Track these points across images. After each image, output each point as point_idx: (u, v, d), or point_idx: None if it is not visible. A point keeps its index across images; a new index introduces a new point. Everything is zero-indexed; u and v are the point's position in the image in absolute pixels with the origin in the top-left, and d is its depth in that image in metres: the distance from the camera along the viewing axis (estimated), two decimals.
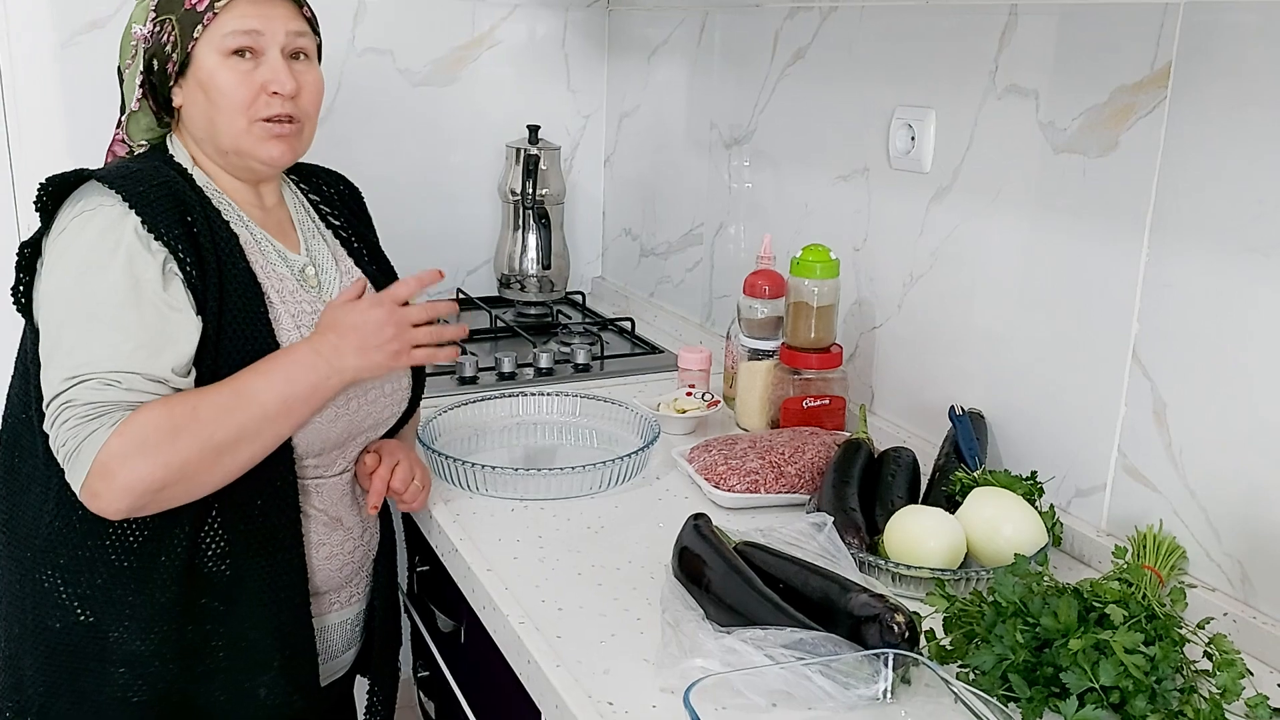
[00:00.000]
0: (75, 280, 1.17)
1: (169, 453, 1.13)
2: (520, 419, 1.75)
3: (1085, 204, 1.35)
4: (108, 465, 1.11)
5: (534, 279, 2.42)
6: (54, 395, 1.13)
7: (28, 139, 2.13)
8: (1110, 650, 1.00)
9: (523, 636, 1.15)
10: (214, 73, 1.25)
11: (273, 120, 1.27)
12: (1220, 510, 1.22)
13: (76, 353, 1.14)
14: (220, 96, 1.25)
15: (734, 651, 1.05)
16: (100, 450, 1.11)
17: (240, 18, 1.25)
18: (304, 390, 1.22)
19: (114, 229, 1.17)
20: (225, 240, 1.25)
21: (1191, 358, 1.24)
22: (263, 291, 1.26)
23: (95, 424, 1.12)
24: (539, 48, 2.50)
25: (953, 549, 1.24)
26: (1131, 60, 1.27)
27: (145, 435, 1.12)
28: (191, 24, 1.24)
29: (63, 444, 1.12)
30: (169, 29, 1.25)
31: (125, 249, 1.17)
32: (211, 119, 1.27)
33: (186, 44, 1.24)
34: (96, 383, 1.13)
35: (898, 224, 1.67)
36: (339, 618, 1.41)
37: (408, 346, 1.27)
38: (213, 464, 1.16)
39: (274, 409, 1.19)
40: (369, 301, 1.28)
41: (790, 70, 1.90)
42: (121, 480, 1.11)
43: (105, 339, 1.14)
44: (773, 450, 1.51)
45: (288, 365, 1.22)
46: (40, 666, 1.25)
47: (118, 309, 1.15)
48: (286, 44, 1.28)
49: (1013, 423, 1.49)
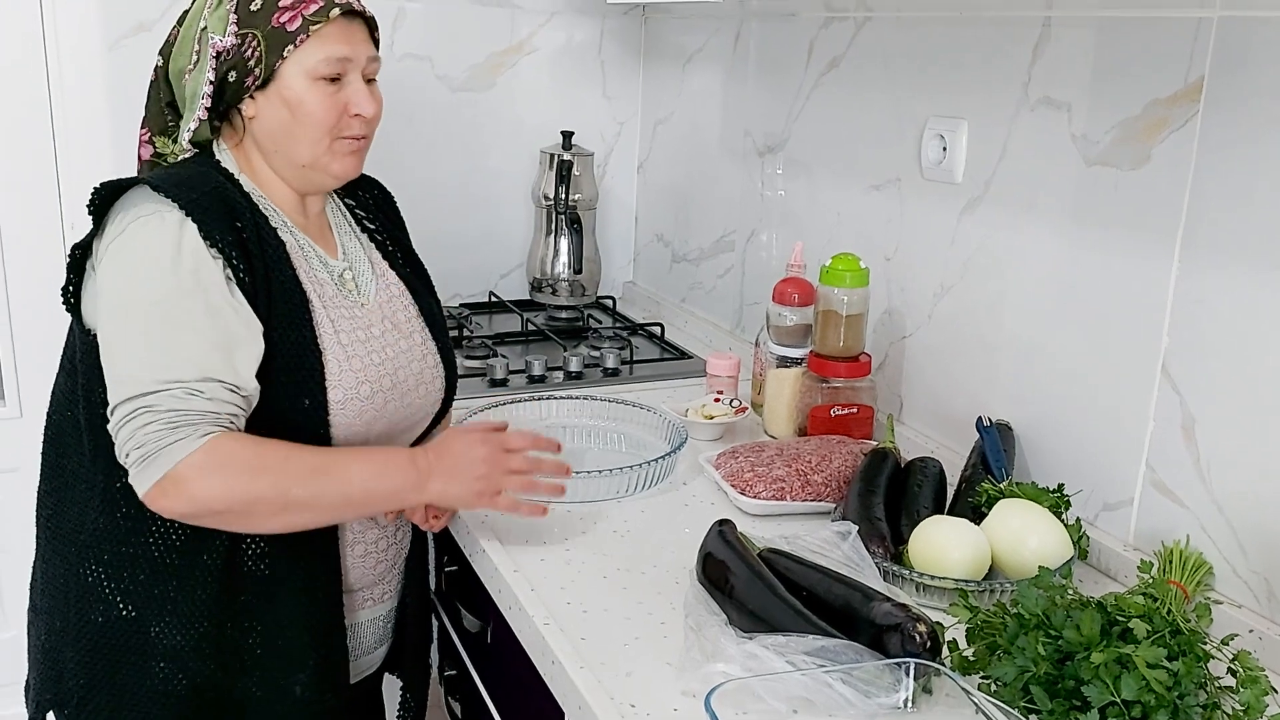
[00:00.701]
0: (141, 283, 1.19)
1: (245, 486, 1.16)
2: (549, 422, 1.76)
3: (1117, 217, 1.35)
4: (185, 475, 1.14)
5: (565, 283, 2.44)
6: (130, 397, 1.15)
7: (74, 141, 2.17)
8: (1133, 665, 1.00)
9: (547, 637, 1.17)
10: (303, 95, 1.27)
11: (351, 139, 1.32)
12: (1248, 527, 1.21)
13: (153, 356, 1.16)
14: (307, 117, 1.28)
15: (756, 657, 1.06)
16: (182, 460, 1.13)
17: (333, 44, 1.28)
18: (386, 491, 1.26)
19: (173, 234, 1.19)
20: (273, 247, 1.27)
21: (1221, 373, 1.23)
22: (307, 298, 1.28)
23: (181, 433, 1.14)
24: (575, 55, 2.52)
25: (977, 560, 1.25)
26: (1165, 74, 1.27)
27: (231, 461, 1.16)
28: (280, 43, 1.26)
29: (138, 445, 1.14)
30: (253, 43, 1.26)
31: (189, 253, 1.19)
32: (293, 135, 1.29)
33: (273, 61, 1.26)
34: (181, 391, 1.15)
35: (929, 234, 1.68)
36: (371, 614, 1.43)
37: (493, 489, 1.30)
38: (277, 513, 1.20)
39: (355, 493, 1.24)
40: (479, 436, 1.32)
41: (824, 79, 1.91)
42: (191, 491, 1.14)
43: (181, 342, 1.17)
44: (799, 458, 1.52)
45: (385, 461, 1.27)
46: (81, 659, 1.27)
47: (189, 312, 1.18)
48: (366, 68, 1.32)
49: (1041, 435, 1.49)
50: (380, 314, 1.38)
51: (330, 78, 1.28)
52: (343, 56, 1.29)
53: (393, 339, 1.37)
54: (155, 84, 1.35)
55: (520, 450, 1.33)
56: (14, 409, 2.27)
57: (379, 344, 1.35)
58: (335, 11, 1.27)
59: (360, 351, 1.32)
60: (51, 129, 2.17)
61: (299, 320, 1.26)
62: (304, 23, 1.26)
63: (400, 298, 1.43)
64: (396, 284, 1.44)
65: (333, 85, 1.29)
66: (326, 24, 1.27)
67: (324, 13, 1.26)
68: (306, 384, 1.25)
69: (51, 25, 2.12)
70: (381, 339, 1.36)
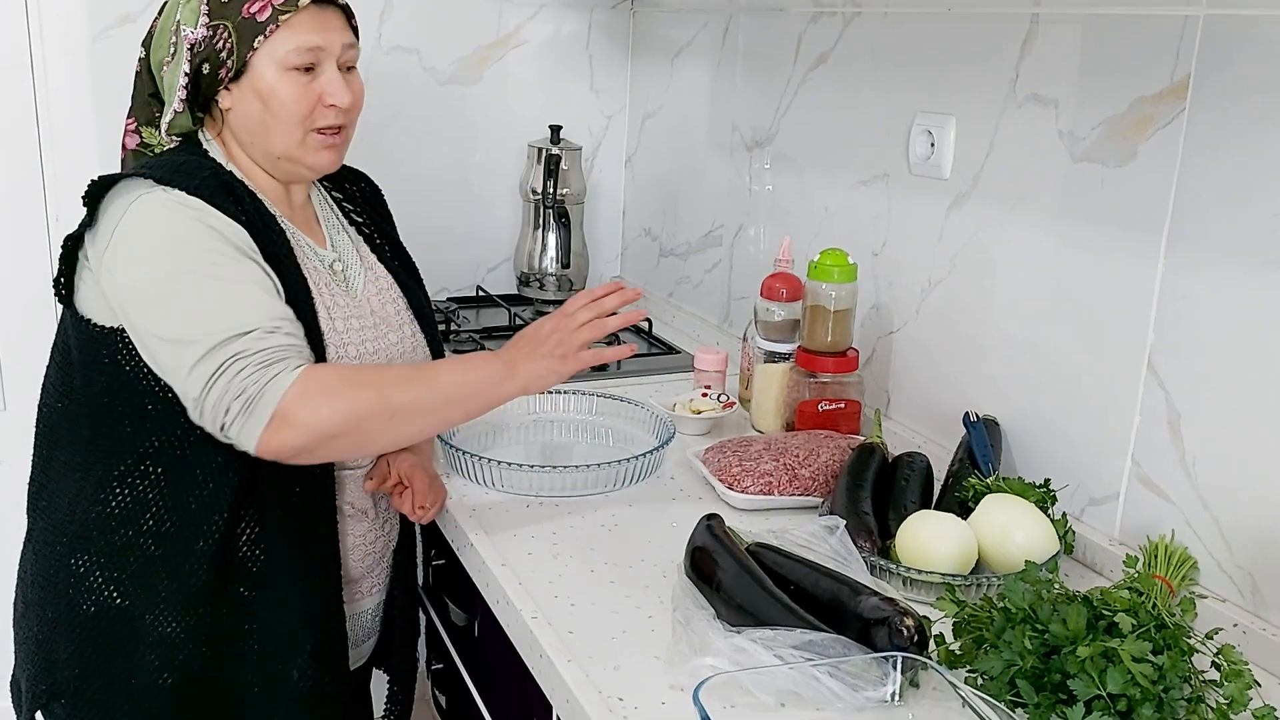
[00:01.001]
0: (169, 252, 1.19)
1: (350, 400, 1.17)
2: (537, 416, 1.76)
3: (1103, 214, 1.36)
4: (290, 408, 1.14)
5: (553, 278, 2.43)
6: (206, 354, 1.14)
7: (59, 133, 2.16)
8: (1118, 658, 1.01)
9: (535, 631, 1.17)
10: (274, 85, 1.27)
11: (325, 131, 1.31)
12: (1232, 521, 1.22)
13: (217, 312, 1.16)
14: (280, 108, 1.27)
15: (743, 651, 1.07)
16: (285, 395, 1.14)
17: (303, 34, 1.26)
18: (479, 382, 1.28)
19: (184, 206, 1.20)
20: (276, 232, 1.27)
21: (1207, 369, 1.24)
22: (307, 283, 1.29)
23: (276, 367, 1.15)
24: (563, 48, 2.52)
25: (964, 554, 1.25)
26: (1151, 71, 1.27)
27: (328, 383, 1.17)
28: (251, 34, 1.25)
29: (239, 393, 1.13)
30: (224, 35, 1.26)
31: (208, 218, 1.20)
32: (267, 126, 1.29)
33: (244, 52, 1.25)
34: (259, 332, 1.16)
35: (917, 230, 1.68)
36: (359, 607, 1.43)
37: (573, 349, 1.30)
38: (386, 423, 1.20)
39: (452, 390, 1.25)
40: (548, 318, 1.34)
41: (812, 74, 1.91)
42: (303, 419, 1.14)
43: (238, 291, 1.18)
44: (787, 453, 1.52)
45: (469, 359, 1.32)
46: (73, 650, 1.27)
47: (229, 264, 1.19)
48: (341, 56, 1.31)
49: (1027, 430, 1.49)
50: (369, 307, 1.38)
51: (303, 67, 1.27)
52: (314, 46, 1.27)
53: (382, 331, 1.38)
54: (140, 75, 1.34)
55: (583, 306, 1.33)
56: None
57: (370, 334, 1.35)
58: (305, 1, 1.26)
59: (354, 340, 1.33)
60: (36, 121, 2.16)
61: (302, 304, 1.26)
62: (274, 12, 1.25)
63: (389, 291, 1.43)
64: (385, 277, 1.44)
65: (306, 75, 1.28)
66: (296, 13, 1.25)
67: (293, 2, 1.25)
68: None
69: (36, 16, 2.11)
70: (373, 330, 1.36)
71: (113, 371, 1.23)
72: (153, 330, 1.19)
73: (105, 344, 1.23)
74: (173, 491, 1.24)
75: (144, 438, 1.23)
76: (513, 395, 1.31)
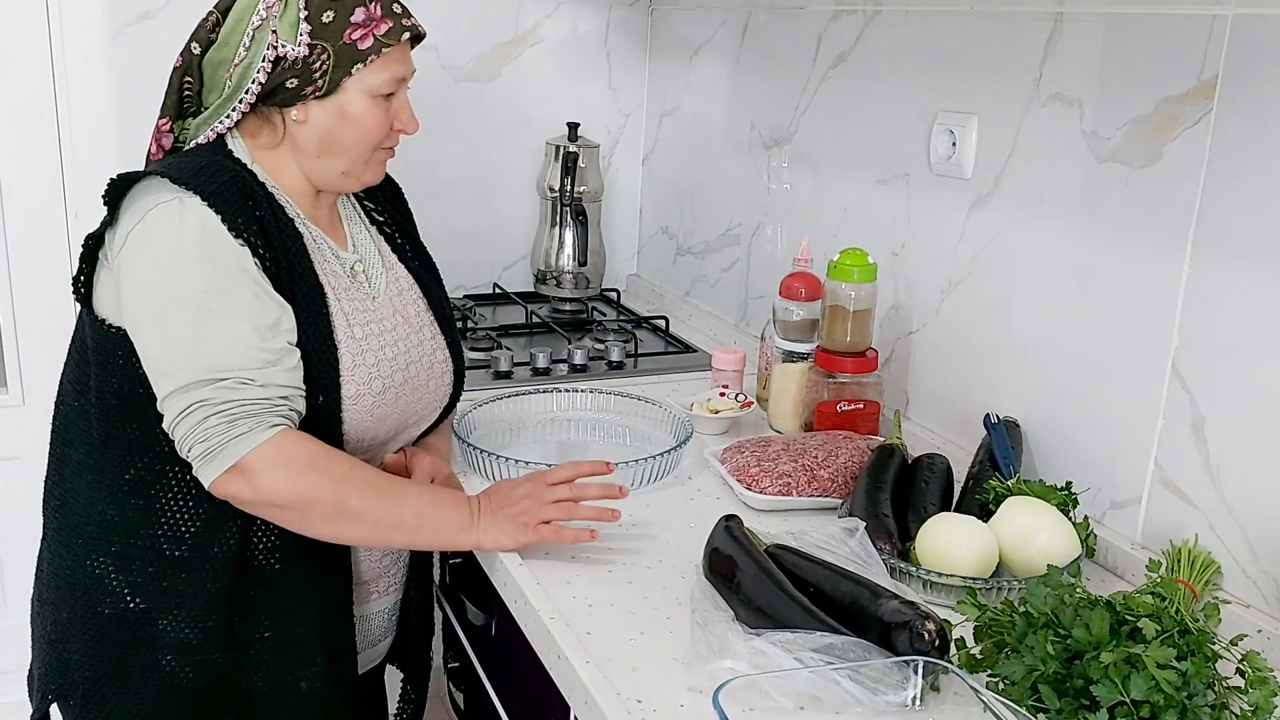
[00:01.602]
0: (171, 271, 1.19)
1: (309, 485, 1.18)
2: (554, 415, 1.76)
3: (1127, 215, 1.34)
4: (253, 466, 1.16)
5: (570, 275, 2.43)
6: (179, 389, 1.16)
7: (78, 129, 2.16)
8: (1142, 664, 1.00)
9: (553, 631, 1.16)
10: (362, 111, 1.29)
11: (388, 149, 1.36)
12: (1257, 526, 1.21)
13: (199, 348, 1.17)
14: (363, 132, 1.30)
15: (763, 654, 1.06)
16: (251, 452, 1.15)
17: (397, 65, 1.31)
18: (439, 522, 1.28)
19: (198, 222, 1.19)
20: (292, 238, 1.27)
21: (1232, 372, 1.23)
22: (324, 291, 1.28)
23: (243, 425, 1.16)
24: (581, 45, 2.51)
25: (985, 558, 1.24)
26: (1178, 71, 1.26)
27: (297, 458, 1.18)
28: (350, 60, 1.26)
29: (201, 439, 1.15)
30: (322, 56, 1.26)
31: (218, 241, 1.19)
32: (341, 144, 1.30)
33: (339, 76, 1.27)
34: (233, 381, 1.16)
35: (937, 230, 1.67)
36: (376, 607, 1.43)
37: (535, 520, 1.29)
38: (332, 519, 1.21)
39: (409, 517, 1.25)
40: (525, 476, 1.35)
41: (832, 73, 1.90)
42: (258, 482, 1.16)
43: (227, 332, 1.17)
44: (805, 453, 1.51)
45: (441, 494, 1.31)
46: (88, 651, 1.27)
47: (224, 296, 1.18)
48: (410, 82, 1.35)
49: (1048, 432, 1.48)
50: (390, 308, 1.38)
51: (388, 94, 1.31)
52: (403, 76, 1.32)
53: (403, 333, 1.37)
54: (182, 70, 1.29)
55: (563, 481, 1.32)
56: (16, 397, 2.27)
57: (390, 338, 1.35)
58: (406, 35, 1.30)
59: (373, 345, 1.32)
60: (56, 117, 2.16)
61: (316, 314, 1.26)
62: (375, 43, 1.27)
63: (409, 291, 1.43)
64: (406, 277, 1.44)
65: (386, 102, 1.32)
66: (396, 46, 1.29)
67: (395, 34, 1.29)
68: (321, 380, 1.25)
69: (56, 13, 2.11)
70: (393, 333, 1.35)
71: (126, 373, 1.23)
72: (140, 349, 1.21)
73: (120, 345, 1.23)
74: (189, 496, 1.24)
75: (157, 441, 1.22)
76: (463, 548, 1.33)
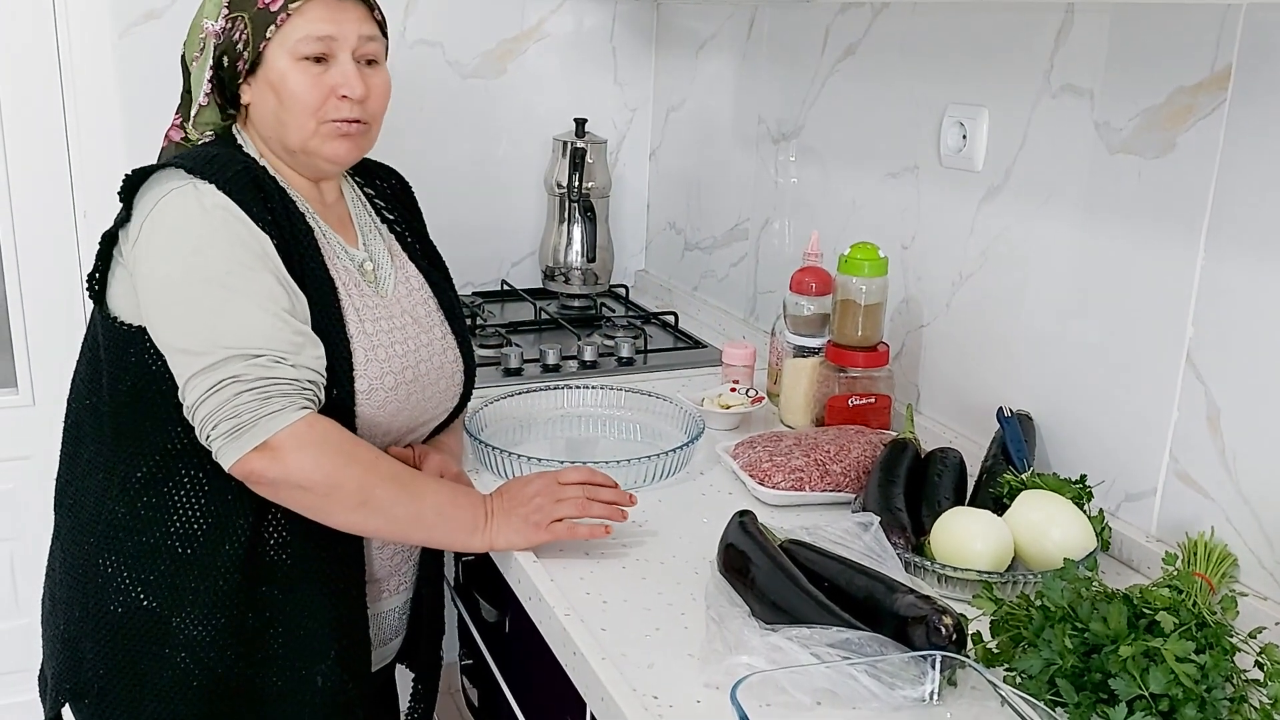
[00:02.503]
0: (191, 255, 1.18)
1: (336, 469, 1.18)
2: (564, 411, 1.76)
3: (1140, 206, 1.34)
4: (282, 444, 1.15)
5: (578, 271, 2.43)
6: (208, 367, 1.14)
7: (86, 128, 2.16)
8: (1161, 658, 1.00)
9: (568, 628, 1.16)
10: (285, 76, 1.26)
11: (340, 121, 1.28)
12: (1274, 518, 1.20)
13: (226, 325, 1.16)
14: (291, 99, 1.26)
15: (779, 649, 1.06)
16: (283, 429, 1.14)
17: (314, 22, 1.25)
18: (455, 521, 1.27)
19: (215, 207, 1.19)
20: (303, 231, 1.26)
21: (1247, 363, 1.22)
22: (335, 285, 1.28)
23: (276, 403, 1.15)
24: (587, 41, 2.51)
25: (1000, 552, 1.24)
26: (1191, 61, 1.25)
27: (327, 440, 1.17)
28: (264, 24, 1.24)
29: (231, 415, 1.14)
30: (241, 26, 1.26)
31: (235, 224, 1.19)
32: (280, 119, 1.28)
33: (258, 44, 1.25)
34: (268, 359, 1.15)
35: (948, 223, 1.66)
36: (388, 605, 1.43)
37: (547, 519, 1.29)
38: (353, 507, 1.20)
39: (428, 513, 1.25)
40: (536, 474, 1.34)
41: (840, 66, 1.89)
42: (286, 460, 1.15)
43: (251, 309, 1.17)
44: (818, 448, 1.51)
45: (459, 492, 1.30)
46: (100, 649, 1.27)
47: (248, 278, 1.18)
48: (358, 48, 1.29)
49: (1062, 425, 1.48)
50: (400, 307, 1.37)
51: (314, 57, 1.26)
52: (325, 35, 1.26)
53: (413, 332, 1.37)
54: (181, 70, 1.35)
55: (574, 482, 1.32)
56: (26, 397, 2.27)
57: (400, 335, 1.34)
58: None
59: (385, 341, 1.31)
60: (63, 116, 2.16)
61: (328, 307, 1.25)
62: (284, 1, 1.24)
63: (419, 290, 1.42)
64: (416, 276, 1.43)
65: (318, 66, 1.26)
66: (309, 3, 1.25)
67: None
68: (335, 373, 1.24)
69: (63, 12, 2.11)
70: (403, 331, 1.35)
71: (139, 371, 1.23)
72: (161, 333, 1.20)
73: (132, 343, 1.23)
74: (200, 493, 1.24)
75: (168, 439, 1.23)
76: (474, 549, 1.33)
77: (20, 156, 2.16)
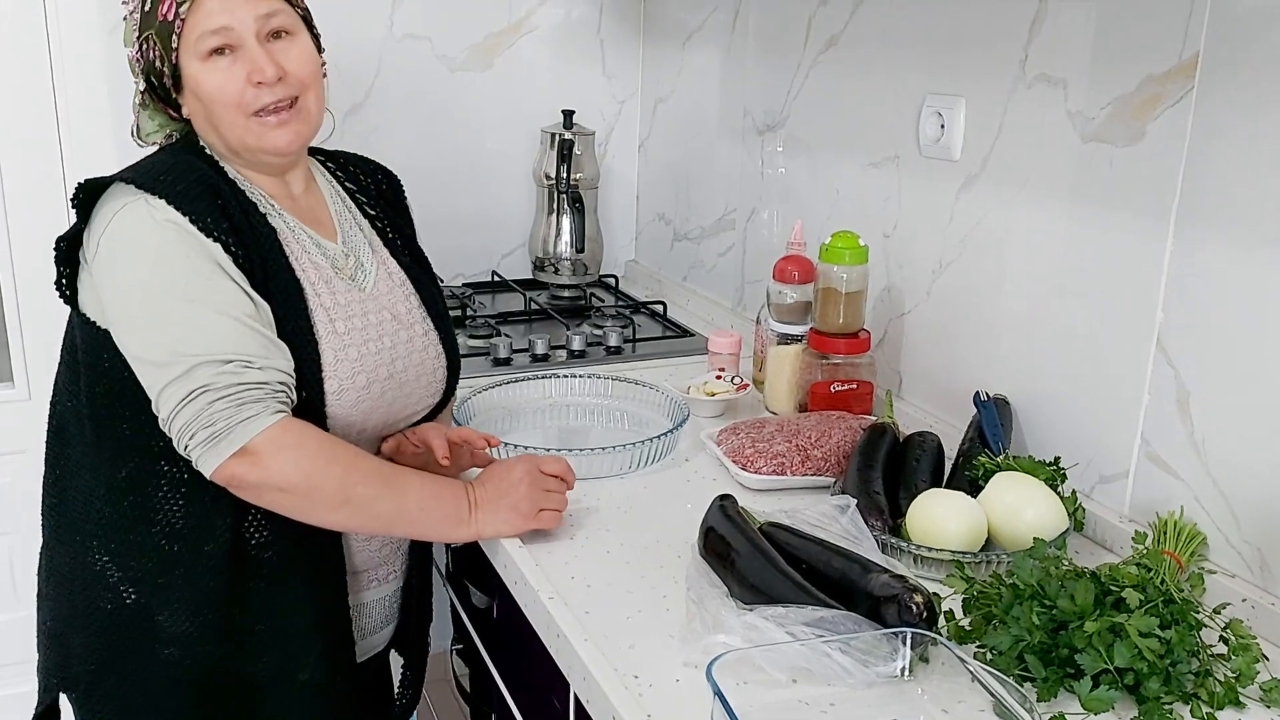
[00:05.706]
0: (148, 271, 1.18)
1: (316, 470, 1.19)
2: (553, 400, 1.78)
3: (1112, 193, 1.36)
4: (261, 448, 1.15)
5: (568, 262, 2.45)
6: (177, 377, 1.15)
7: (77, 125, 2.18)
8: (1125, 633, 1.02)
9: (552, 611, 1.19)
10: (199, 78, 1.24)
11: (268, 110, 1.26)
12: (1241, 497, 1.23)
13: (192, 335, 1.16)
14: (211, 100, 1.25)
15: (756, 628, 1.08)
16: (260, 434, 1.15)
17: (207, 17, 1.23)
18: (438, 515, 1.29)
19: (166, 222, 1.19)
20: (264, 234, 1.26)
21: (1215, 347, 1.25)
22: (301, 286, 1.27)
23: (250, 409, 1.15)
24: (574, 33, 2.53)
25: (974, 532, 1.26)
26: (1159, 50, 1.28)
27: (305, 442, 1.18)
28: (168, 35, 1.23)
29: (207, 424, 1.14)
30: (152, 44, 1.25)
31: (187, 237, 1.19)
32: (213, 123, 1.27)
33: (170, 56, 1.24)
34: (236, 365, 1.16)
35: (927, 211, 1.69)
36: (377, 594, 1.44)
37: (535, 509, 1.32)
38: (335, 506, 1.21)
39: (410, 508, 1.26)
40: (516, 459, 1.35)
41: (823, 57, 1.91)
42: (266, 464, 1.16)
43: (214, 318, 1.17)
44: (799, 434, 1.53)
45: (442, 485, 1.30)
46: (89, 645, 1.29)
47: (208, 289, 1.18)
48: (260, 28, 1.25)
49: (1038, 409, 1.50)
50: (379, 303, 1.37)
51: (217, 50, 1.24)
52: (220, 26, 1.23)
53: (391, 328, 1.36)
54: None
55: (554, 475, 1.35)
56: (22, 391, 2.29)
57: (376, 333, 1.34)
58: None
59: (357, 340, 1.31)
60: (55, 113, 2.18)
61: (294, 309, 1.25)
62: (174, 6, 1.23)
63: (401, 287, 1.42)
64: (397, 272, 1.43)
65: (225, 58, 1.24)
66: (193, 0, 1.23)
67: None
68: (303, 375, 1.24)
69: (51, 10, 2.13)
70: (379, 328, 1.34)
71: (113, 373, 1.23)
72: (127, 347, 1.20)
73: (105, 346, 1.23)
74: (182, 491, 1.24)
75: (149, 439, 1.22)
76: (461, 540, 1.35)
77: (11, 153, 2.18)
